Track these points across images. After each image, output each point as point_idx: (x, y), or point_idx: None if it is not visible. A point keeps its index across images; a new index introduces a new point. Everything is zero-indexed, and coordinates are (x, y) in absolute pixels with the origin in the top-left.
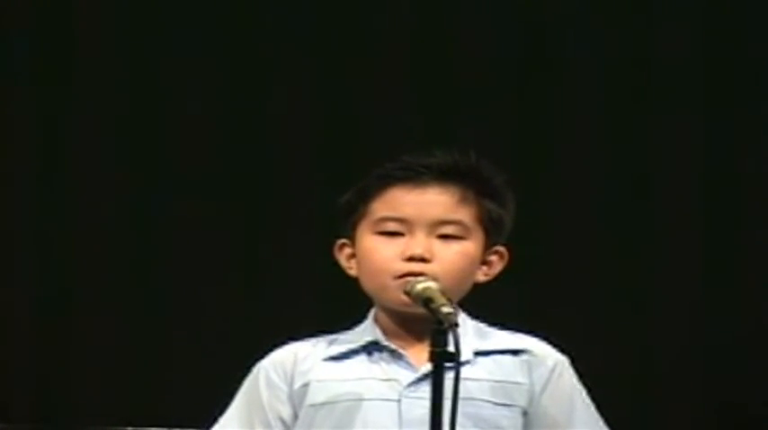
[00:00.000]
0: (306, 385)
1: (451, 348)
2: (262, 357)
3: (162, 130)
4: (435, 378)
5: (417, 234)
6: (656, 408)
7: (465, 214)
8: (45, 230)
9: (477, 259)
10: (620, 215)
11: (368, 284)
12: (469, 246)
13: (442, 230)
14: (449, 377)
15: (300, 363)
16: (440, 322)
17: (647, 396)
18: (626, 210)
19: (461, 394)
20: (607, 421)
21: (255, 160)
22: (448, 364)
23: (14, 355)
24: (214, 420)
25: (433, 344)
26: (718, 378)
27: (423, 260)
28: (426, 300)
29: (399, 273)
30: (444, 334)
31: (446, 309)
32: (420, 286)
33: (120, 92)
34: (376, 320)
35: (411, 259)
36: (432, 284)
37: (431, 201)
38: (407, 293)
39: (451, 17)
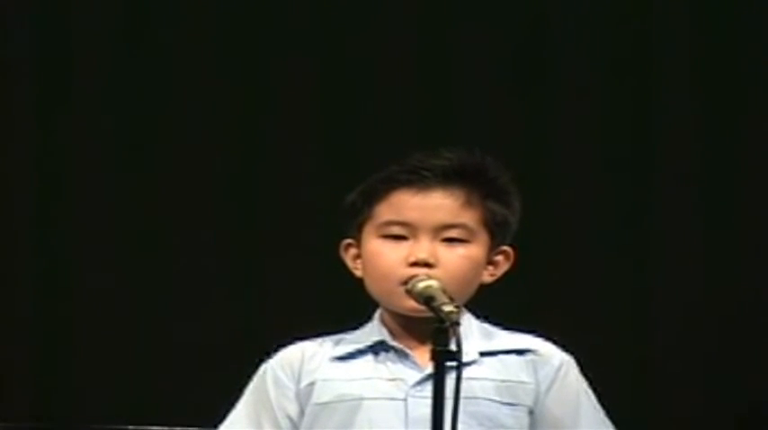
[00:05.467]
0: (312, 384)
1: (453, 347)
2: (263, 357)
3: (162, 130)
4: (437, 376)
5: (422, 238)
6: (655, 408)
7: (469, 217)
8: (45, 230)
9: (482, 261)
10: (619, 215)
11: (373, 288)
12: (474, 250)
13: (447, 234)
14: (452, 376)
15: (308, 362)
16: (441, 320)
17: (646, 395)
18: (626, 209)
19: (466, 393)
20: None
21: (258, 159)
22: (451, 364)
23: (14, 355)
24: (216, 419)
25: (434, 343)
26: (718, 378)
27: (427, 265)
28: (428, 299)
29: (404, 279)
30: (446, 332)
31: (447, 308)
32: (421, 285)
33: (120, 91)
34: (382, 320)
35: (415, 264)
36: (433, 283)
37: (435, 205)
38: (409, 292)
39: (452, 17)
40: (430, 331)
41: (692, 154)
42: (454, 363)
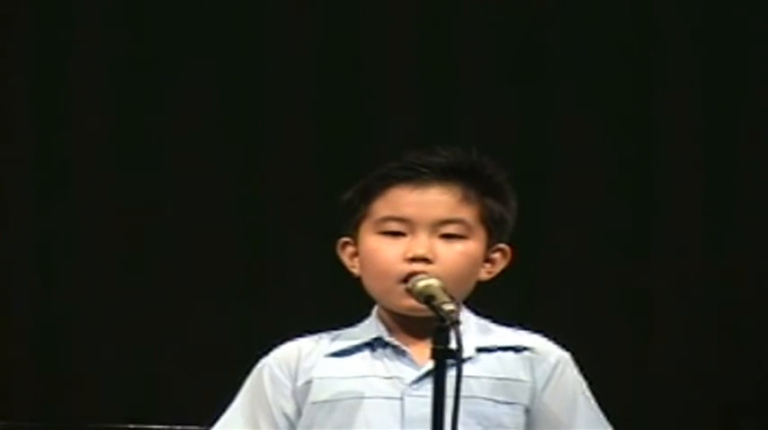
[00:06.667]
0: (309, 382)
1: (453, 345)
2: (262, 355)
3: (162, 130)
4: (437, 375)
5: (419, 234)
6: (655, 408)
7: (467, 213)
8: (45, 230)
9: (479, 258)
10: (619, 214)
11: (371, 286)
12: (472, 246)
13: (444, 230)
14: (451, 375)
15: (304, 360)
16: (442, 319)
17: (646, 395)
18: (626, 209)
19: (464, 392)
20: (607, 419)
21: (256, 159)
22: (450, 362)
23: (14, 354)
24: (216, 417)
25: (434, 342)
26: (718, 377)
27: (425, 260)
28: (428, 298)
29: (403, 276)
30: (446, 331)
31: (448, 307)
32: (421, 283)
33: (120, 90)
34: (379, 317)
35: (413, 260)
36: (433, 282)
37: (432, 201)
38: (409, 291)
39: (452, 17)
40: (427, 328)
41: (692, 152)
42: (453, 362)
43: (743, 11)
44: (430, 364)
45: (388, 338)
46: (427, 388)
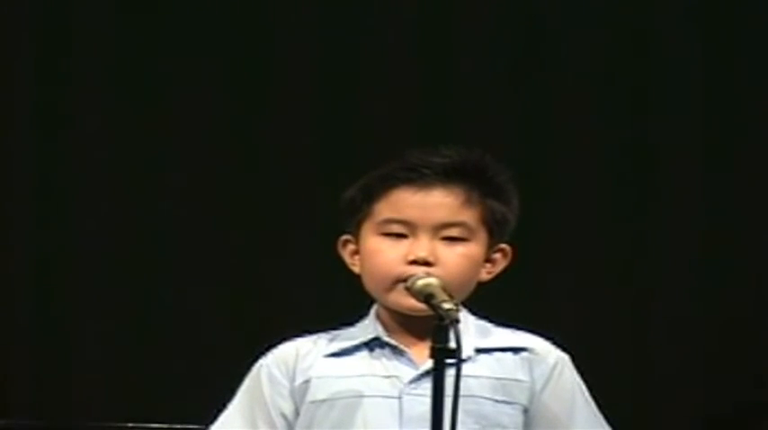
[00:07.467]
0: (307, 382)
1: (452, 344)
2: (262, 354)
3: (162, 131)
4: (436, 374)
5: (421, 237)
6: (655, 408)
7: (469, 216)
8: (45, 230)
9: (480, 260)
10: (619, 213)
11: (371, 285)
12: (473, 248)
13: (446, 233)
14: (450, 374)
15: (302, 360)
16: (441, 318)
17: (646, 396)
18: (625, 208)
19: (462, 391)
20: (607, 420)
21: (256, 159)
22: (449, 361)
23: (14, 355)
24: (215, 417)
25: (434, 341)
26: (719, 378)
27: (427, 263)
28: (427, 296)
29: (403, 277)
30: (445, 330)
31: (447, 305)
32: (421, 282)
33: (120, 92)
34: (378, 316)
35: (415, 262)
36: (433, 280)
37: (435, 204)
38: (408, 289)
39: (452, 16)
40: (426, 328)
41: (692, 153)
42: (453, 361)
43: (744, 10)
44: (428, 363)
45: (386, 338)
46: (425, 387)
